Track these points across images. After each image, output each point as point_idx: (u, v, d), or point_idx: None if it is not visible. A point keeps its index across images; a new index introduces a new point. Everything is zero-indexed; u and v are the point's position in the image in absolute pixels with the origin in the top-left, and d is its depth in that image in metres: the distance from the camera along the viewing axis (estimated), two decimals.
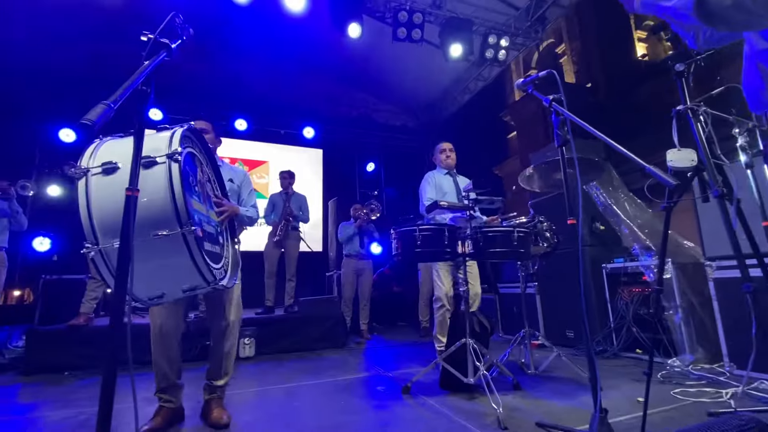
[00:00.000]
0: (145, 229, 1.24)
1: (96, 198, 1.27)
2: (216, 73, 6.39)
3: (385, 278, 6.96)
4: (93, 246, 1.25)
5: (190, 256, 1.31)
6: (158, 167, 1.30)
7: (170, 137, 1.37)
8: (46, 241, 5.03)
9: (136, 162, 1.05)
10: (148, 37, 1.15)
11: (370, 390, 2.59)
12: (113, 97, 0.89)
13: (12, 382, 3.05)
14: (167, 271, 1.35)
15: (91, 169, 1.30)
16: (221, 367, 2.04)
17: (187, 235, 1.28)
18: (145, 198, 1.25)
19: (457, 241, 2.31)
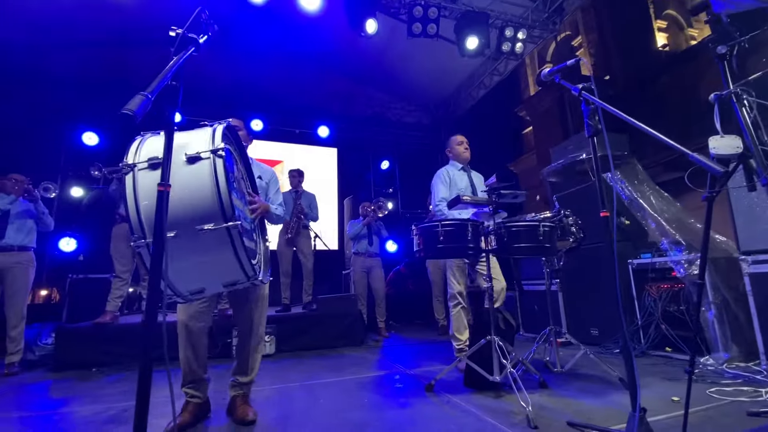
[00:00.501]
0: (189, 224, 1.25)
1: (143, 193, 1.29)
2: (232, 74, 6.45)
3: (400, 276, 6.94)
4: (140, 240, 1.25)
5: (234, 251, 1.31)
6: (203, 162, 1.30)
7: (212, 133, 1.38)
8: (72, 242, 5.16)
9: (167, 156, 1.05)
10: (176, 32, 1.15)
11: (392, 387, 2.57)
12: (150, 88, 0.88)
13: (42, 378, 3.14)
14: (210, 266, 1.36)
15: (137, 164, 1.30)
16: (248, 364, 2.05)
17: (231, 230, 1.28)
18: (190, 193, 1.26)
19: (481, 236, 2.27)
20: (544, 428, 1.75)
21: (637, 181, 3.50)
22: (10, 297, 3.35)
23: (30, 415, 2.22)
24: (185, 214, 1.20)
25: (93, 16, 5.37)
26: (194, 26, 1.22)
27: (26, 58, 5.72)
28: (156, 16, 5.34)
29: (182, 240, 1.21)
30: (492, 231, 2.22)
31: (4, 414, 2.23)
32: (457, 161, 3.15)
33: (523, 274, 4.30)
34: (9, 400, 2.52)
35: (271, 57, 6.37)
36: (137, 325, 3.63)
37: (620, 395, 2.17)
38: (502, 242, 2.19)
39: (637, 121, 1.41)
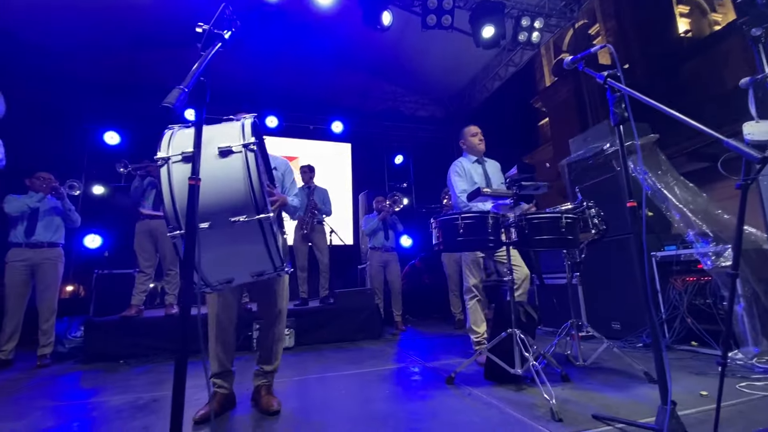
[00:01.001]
0: (223, 215, 1.28)
1: (178, 185, 1.31)
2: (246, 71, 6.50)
3: (416, 270, 6.93)
4: (176, 230, 1.29)
5: (264, 242, 1.34)
6: (235, 156, 1.33)
7: (242, 128, 1.41)
8: (97, 238, 5.32)
9: (197, 151, 1.07)
10: (203, 28, 1.17)
11: (412, 380, 2.58)
12: (185, 82, 0.90)
13: (73, 369, 3.26)
14: (241, 256, 1.39)
15: (171, 157, 1.33)
16: (272, 353, 2.10)
17: (263, 222, 1.31)
18: (223, 186, 1.29)
19: (501, 228, 2.25)
20: (569, 421, 1.73)
21: (660, 172, 3.41)
22: (42, 292, 3.48)
23: (65, 404, 2.31)
24: (219, 206, 1.23)
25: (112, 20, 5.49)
26: (219, 22, 1.24)
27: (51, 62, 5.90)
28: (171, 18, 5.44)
29: (216, 231, 1.24)
30: (513, 223, 2.20)
31: (40, 403, 2.33)
32: (471, 153, 3.09)
33: (543, 267, 4.24)
34: (44, 391, 2.63)
35: (284, 54, 6.40)
36: (161, 319, 3.73)
37: (646, 389, 2.14)
38: (523, 234, 2.16)
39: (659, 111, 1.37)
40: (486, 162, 3.10)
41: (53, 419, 2.04)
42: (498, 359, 2.24)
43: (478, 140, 3.07)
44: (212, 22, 1.18)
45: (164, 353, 3.51)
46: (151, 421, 1.93)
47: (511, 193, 2.26)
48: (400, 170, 8.07)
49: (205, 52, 1.11)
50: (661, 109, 1.37)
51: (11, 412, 2.16)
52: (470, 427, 1.71)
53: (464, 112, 7.87)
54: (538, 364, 2.07)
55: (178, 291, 3.96)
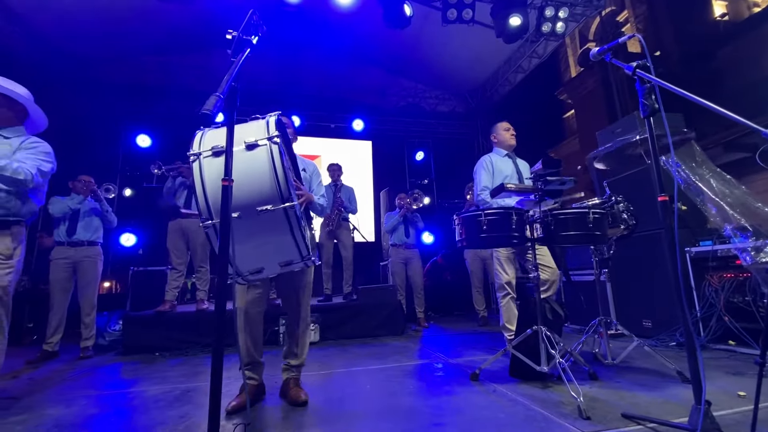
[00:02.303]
0: (250, 206, 1.34)
1: (209, 179, 1.39)
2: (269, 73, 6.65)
3: (437, 267, 6.92)
4: (207, 221, 1.36)
5: (290, 230, 1.39)
6: (260, 149, 1.39)
7: (266, 123, 1.47)
8: (131, 237, 5.59)
9: (229, 153, 1.12)
10: (232, 35, 1.22)
11: (436, 376, 2.60)
12: (220, 89, 0.95)
13: (113, 361, 3.45)
14: (269, 245, 1.45)
15: (202, 153, 1.41)
16: (298, 347, 2.16)
17: (288, 210, 1.36)
18: (250, 177, 1.35)
19: (526, 225, 2.22)
20: (598, 419, 1.71)
21: (695, 164, 3.27)
22: (83, 288, 3.70)
23: (107, 393, 2.46)
24: (247, 196, 1.29)
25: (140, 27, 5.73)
26: (247, 28, 1.28)
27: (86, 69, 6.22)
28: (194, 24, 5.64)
29: (245, 221, 1.30)
30: (538, 219, 2.17)
31: (85, 392, 2.49)
32: (502, 148, 3.07)
33: (568, 264, 4.16)
34: (87, 380, 2.80)
35: (305, 54, 6.50)
36: (193, 314, 3.89)
37: (679, 389, 2.08)
38: (548, 231, 2.13)
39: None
40: (517, 158, 3.07)
41: (97, 407, 2.18)
42: (523, 356, 2.22)
43: (510, 135, 3.06)
44: (241, 28, 1.23)
45: (195, 347, 3.66)
46: (187, 410, 2.03)
47: (534, 188, 2.23)
48: (421, 166, 8.05)
49: (235, 58, 1.15)
50: (694, 99, 1.33)
51: (60, 400, 2.32)
52: (495, 423, 1.72)
53: (486, 106, 7.77)
54: (564, 362, 2.05)
55: (208, 287, 4.12)
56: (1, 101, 2.06)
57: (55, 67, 5.91)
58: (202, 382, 2.62)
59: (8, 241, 1.99)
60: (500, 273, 2.84)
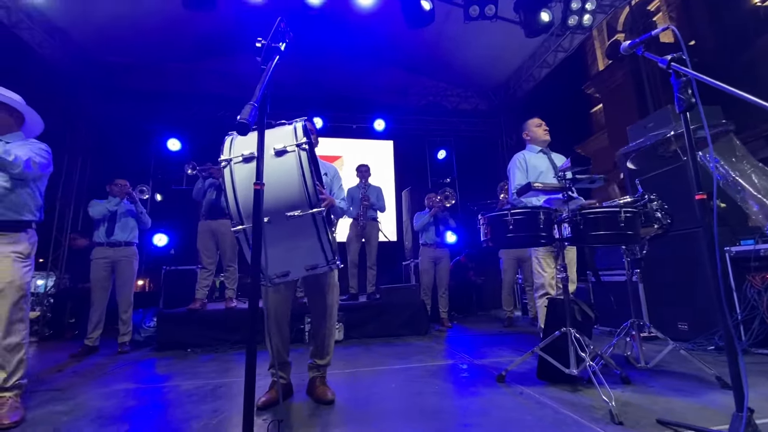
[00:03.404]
0: (279, 211, 1.38)
1: (240, 184, 1.44)
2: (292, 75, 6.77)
3: (461, 267, 6.86)
4: (238, 225, 1.41)
5: (317, 235, 1.43)
6: (289, 155, 1.44)
7: (294, 130, 1.51)
8: (164, 238, 5.84)
9: (260, 157, 1.16)
10: (262, 43, 1.26)
11: (461, 376, 2.59)
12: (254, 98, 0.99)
13: (148, 356, 3.62)
14: (296, 250, 1.50)
15: (233, 159, 1.46)
16: (324, 347, 2.21)
17: (316, 216, 1.40)
18: (279, 183, 1.39)
19: (554, 224, 2.18)
20: (630, 424, 1.66)
21: (734, 159, 3.11)
22: (120, 286, 3.89)
23: (143, 387, 2.59)
24: (276, 202, 1.33)
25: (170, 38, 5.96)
26: (276, 36, 1.32)
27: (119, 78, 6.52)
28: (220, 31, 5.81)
29: (274, 226, 1.34)
30: (566, 218, 2.13)
31: (123, 385, 2.62)
32: (535, 144, 3.02)
33: (598, 264, 4.05)
34: (125, 375, 2.95)
35: (326, 56, 6.58)
36: (222, 312, 4.03)
37: (718, 395, 1.99)
38: (578, 230, 2.09)
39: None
40: (552, 153, 3.02)
41: (135, 400, 2.30)
42: (551, 358, 2.19)
43: (543, 130, 3.01)
44: (270, 36, 1.27)
45: (225, 344, 3.79)
46: (219, 405, 2.11)
47: (562, 186, 2.18)
48: (443, 165, 8.00)
49: (265, 65, 1.19)
50: (733, 92, 1.27)
51: (101, 392, 2.45)
52: (523, 426, 1.70)
53: (510, 103, 7.63)
54: (595, 365, 2.00)
55: (236, 285, 4.25)
56: (6, 111, 2.16)
57: (90, 76, 6.24)
58: (233, 378, 2.71)
59: (25, 241, 2.13)
60: (540, 272, 2.78)
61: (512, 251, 4.85)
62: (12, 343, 2.00)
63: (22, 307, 2.05)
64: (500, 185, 5.17)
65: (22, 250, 2.09)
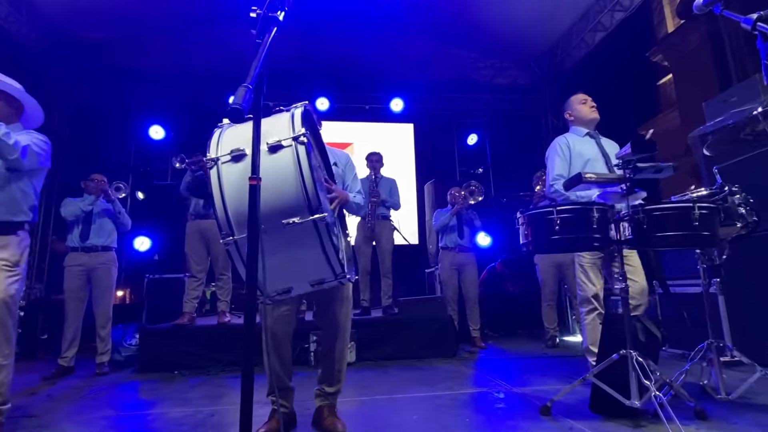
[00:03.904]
0: (274, 218, 1.39)
1: (228, 188, 1.45)
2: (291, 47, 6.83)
3: (496, 276, 6.82)
4: (228, 237, 1.44)
5: (321, 245, 1.44)
6: (285, 151, 1.44)
7: (291, 119, 1.52)
8: (146, 241, 6.01)
9: (256, 147, 1.18)
10: (257, 12, 1.28)
11: (496, 407, 2.58)
12: (248, 79, 1.01)
13: (130, 378, 3.74)
14: (297, 263, 1.51)
15: (220, 158, 1.48)
16: (334, 372, 2.23)
17: (318, 223, 1.41)
18: (274, 185, 1.40)
19: (610, 223, 2.15)
20: None
21: None
22: (97, 298, 4.03)
23: (126, 414, 2.68)
24: (271, 207, 1.34)
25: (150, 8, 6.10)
26: (272, 3, 1.34)
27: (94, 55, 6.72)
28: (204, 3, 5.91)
29: (269, 236, 1.35)
30: (626, 216, 2.09)
31: (103, 412, 2.72)
32: (580, 126, 2.97)
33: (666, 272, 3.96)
34: (105, 400, 3.06)
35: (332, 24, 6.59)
36: (214, 327, 4.12)
37: None
38: (640, 231, 2.05)
39: None
40: (601, 138, 2.97)
41: (117, 429, 2.38)
42: (608, 387, 2.15)
43: (590, 108, 2.96)
44: (266, 4, 1.29)
45: (217, 365, 3.87)
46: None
47: (621, 177, 2.14)
48: (474, 152, 7.95)
49: (261, 39, 1.22)
50: None
51: (79, 420, 2.55)
52: None
53: (556, 74, 7.52)
54: (662, 396, 1.96)
55: (230, 297, 4.34)
56: (4, 99, 2.27)
57: (62, 54, 6.45)
58: (226, 406, 2.78)
59: (14, 246, 2.21)
60: (584, 284, 2.75)
61: (550, 255, 4.79)
62: None
63: (6, 323, 2.13)
64: (537, 175, 5.10)
65: (8, 256, 2.17)
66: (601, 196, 2.23)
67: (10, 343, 2.17)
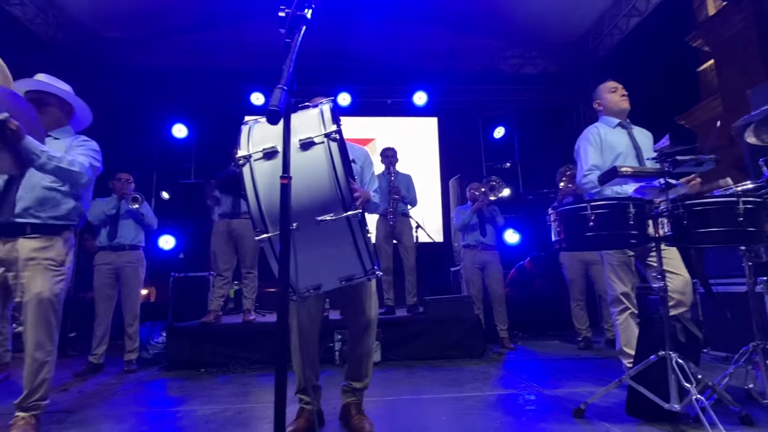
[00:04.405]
0: (308, 215, 1.44)
1: (262, 185, 1.50)
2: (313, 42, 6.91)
3: (524, 274, 6.75)
4: (262, 234, 1.49)
5: (353, 242, 1.49)
6: (317, 148, 1.49)
7: (321, 115, 1.56)
8: (170, 240, 6.20)
9: (287, 146, 1.22)
10: (285, 12, 1.32)
11: (526, 409, 2.58)
12: (282, 80, 1.05)
13: (158, 376, 3.89)
14: (328, 259, 1.56)
15: (252, 155, 1.53)
16: (361, 368, 2.28)
17: (351, 219, 1.45)
18: (307, 182, 1.45)
19: (648, 219, 2.11)
20: None
21: None
22: (126, 296, 4.19)
23: (156, 411, 2.80)
24: (304, 204, 1.39)
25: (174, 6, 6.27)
26: (300, 2, 1.38)
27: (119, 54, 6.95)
28: None
29: (303, 232, 1.40)
30: (665, 212, 2.05)
31: (134, 408, 2.85)
32: (610, 115, 2.91)
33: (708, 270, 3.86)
34: (135, 397, 3.20)
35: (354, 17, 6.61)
36: (239, 326, 4.24)
37: None
38: (680, 227, 2.01)
39: None
40: (633, 128, 2.91)
41: (148, 425, 2.49)
42: (646, 390, 2.13)
43: (620, 96, 2.90)
44: (294, 3, 1.33)
45: (243, 363, 3.98)
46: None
47: (659, 170, 2.10)
48: (501, 146, 7.86)
49: (291, 38, 1.26)
50: None
51: (111, 416, 2.68)
52: None
53: (588, 63, 7.36)
54: (704, 399, 1.93)
55: (255, 295, 4.45)
56: (53, 101, 2.42)
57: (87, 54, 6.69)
58: (254, 404, 2.86)
59: (60, 247, 2.33)
60: (614, 283, 2.71)
61: (577, 253, 4.72)
62: (38, 360, 2.22)
63: (50, 321, 2.26)
64: (561, 170, 5.02)
65: (54, 256, 2.29)
66: (637, 191, 2.20)
67: (53, 341, 2.30)
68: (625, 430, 2.12)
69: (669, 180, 2.06)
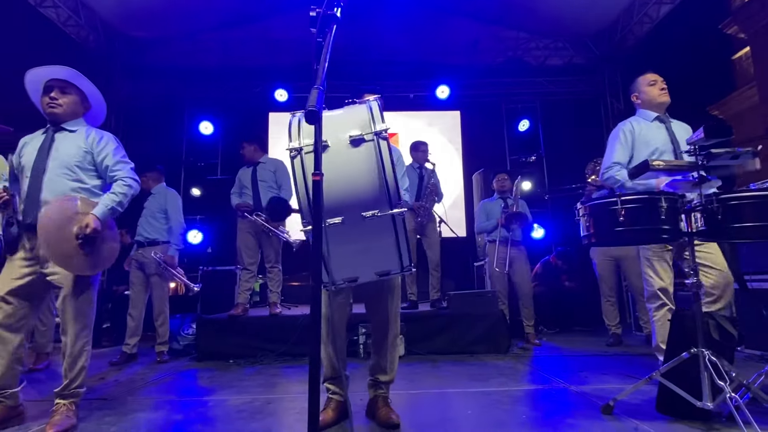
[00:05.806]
0: (354, 210, 1.49)
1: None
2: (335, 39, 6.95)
3: (551, 270, 6.68)
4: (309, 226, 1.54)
5: (395, 239, 1.53)
6: (367, 145, 1.53)
7: (370, 112, 1.59)
8: (198, 235, 6.38)
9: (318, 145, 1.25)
10: (316, 11, 1.35)
11: (554, 405, 2.58)
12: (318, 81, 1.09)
13: (189, 366, 4.02)
14: (369, 254, 1.61)
15: (303, 148, 1.57)
16: (387, 361, 2.32)
17: (396, 217, 1.49)
18: (356, 178, 1.50)
19: (680, 214, 2.07)
20: None
21: None
22: (157, 289, 4.34)
23: (188, 400, 2.90)
24: (352, 199, 1.43)
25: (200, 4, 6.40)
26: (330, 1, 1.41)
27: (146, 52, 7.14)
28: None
29: (347, 227, 1.45)
30: (699, 206, 2.01)
31: (167, 397, 2.96)
32: (649, 109, 2.86)
33: (744, 266, 3.75)
34: (168, 386, 3.32)
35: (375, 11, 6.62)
36: (266, 318, 4.35)
37: None
38: (714, 222, 1.97)
39: None
40: (672, 122, 2.86)
41: (181, 413, 2.59)
42: (677, 387, 2.10)
43: (659, 90, 2.85)
44: (324, 3, 1.36)
45: (270, 355, 4.09)
46: (270, 424, 2.31)
47: (693, 164, 2.06)
48: (526, 139, 7.77)
49: (322, 38, 1.29)
50: None
51: (146, 403, 2.80)
52: None
53: (617, 53, 7.20)
54: (738, 398, 1.89)
55: (280, 288, 4.55)
56: (75, 93, 2.53)
57: (116, 54, 6.92)
58: (282, 394, 2.94)
59: None
60: (651, 278, 2.67)
61: (608, 249, 4.64)
62: (75, 350, 2.35)
63: (86, 314, 2.40)
64: (589, 165, 4.93)
65: None
66: (669, 185, 2.16)
67: (89, 332, 2.43)
68: (654, 427, 2.10)
69: (702, 173, 2.02)
